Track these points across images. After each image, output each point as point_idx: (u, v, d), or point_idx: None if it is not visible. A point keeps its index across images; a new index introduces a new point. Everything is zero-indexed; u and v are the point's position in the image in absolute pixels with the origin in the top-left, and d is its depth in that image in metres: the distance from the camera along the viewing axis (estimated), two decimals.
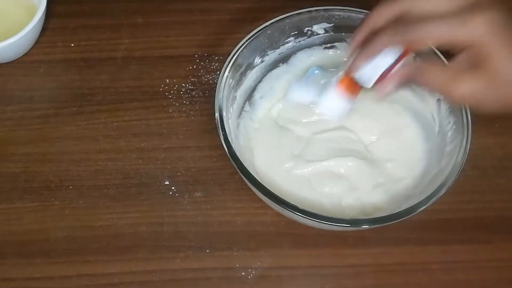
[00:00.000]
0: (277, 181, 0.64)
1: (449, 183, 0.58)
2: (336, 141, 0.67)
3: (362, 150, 0.67)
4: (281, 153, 0.66)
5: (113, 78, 0.73)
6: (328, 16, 0.67)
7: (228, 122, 0.62)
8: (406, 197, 0.63)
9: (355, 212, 0.63)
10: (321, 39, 0.69)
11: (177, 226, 0.65)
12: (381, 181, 0.65)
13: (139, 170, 0.68)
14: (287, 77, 0.70)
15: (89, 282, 0.62)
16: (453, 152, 0.61)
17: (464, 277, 0.63)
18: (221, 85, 0.63)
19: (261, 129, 0.68)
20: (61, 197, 0.66)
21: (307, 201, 0.63)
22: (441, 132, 0.64)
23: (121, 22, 0.77)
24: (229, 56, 0.64)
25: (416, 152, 0.66)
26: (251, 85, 0.69)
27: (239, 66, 0.65)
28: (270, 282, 0.63)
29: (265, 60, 0.69)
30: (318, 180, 0.65)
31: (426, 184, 0.62)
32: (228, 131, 0.61)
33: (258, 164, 0.65)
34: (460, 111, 0.62)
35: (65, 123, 0.71)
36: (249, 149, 0.66)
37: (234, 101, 0.66)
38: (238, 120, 0.67)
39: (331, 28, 0.68)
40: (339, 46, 0.70)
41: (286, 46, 0.69)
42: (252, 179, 0.58)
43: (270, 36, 0.67)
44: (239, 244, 0.64)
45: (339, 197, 0.64)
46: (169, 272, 0.63)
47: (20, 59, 0.74)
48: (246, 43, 0.65)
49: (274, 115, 0.69)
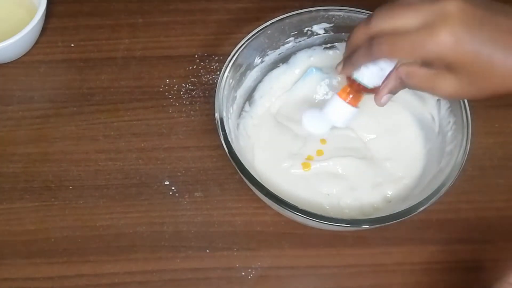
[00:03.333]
0: (276, 181, 0.64)
1: (449, 183, 0.58)
2: (333, 140, 0.67)
3: (361, 148, 0.66)
4: (280, 152, 0.66)
5: (113, 78, 0.73)
6: (328, 16, 0.67)
7: (228, 122, 0.62)
8: (405, 197, 0.63)
9: (354, 212, 0.63)
10: (321, 39, 0.69)
11: (177, 226, 0.65)
12: (380, 180, 0.65)
13: (139, 170, 0.68)
14: (286, 77, 0.70)
15: (89, 282, 0.62)
16: (453, 152, 0.61)
17: (464, 277, 0.63)
18: (221, 85, 0.63)
19: (260, 125, 0.68)
20: (61, 197, 0.66)
21: (306, 201, 0.63)
22: (441, 132, 0.64)
23: (121, 22, 0.77)
24: (229, 56, 0.64)
25: (415, 152, 0.66)
26: (251, 85, 0.69)
27: (239, 66, 0.65)
28: (270, 282, 0.63)
29: (265, 60, 0.68)
30: (317, 180, 0.65)
31: (426, 184, 0.62)
32: (228, 131, 0.61)
33: (258, 164, 0.65)
34: (460, 111, 0.62)
35: (65, 123, 0.71)
36: (249, 149, 0.66)
37: (234, 101, 0.66)
38: (238, 120, 0.67)
39: (331, 28, 0.68)
40: (339, 46, 0.70)
41: (286, 46, 0.69)
42: (252, 180, 0.58)
43: (270, 36, 0.67)
44: (239, 244, 0.64)
45: (338, 197, 0.64)
46: (169, 272, 0.63)
47: (20, 59, 0.74)
48: (246, 43, 0.65)
49: (273, 111, 0.69)
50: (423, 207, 0.57)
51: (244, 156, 0.62)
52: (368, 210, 0.63)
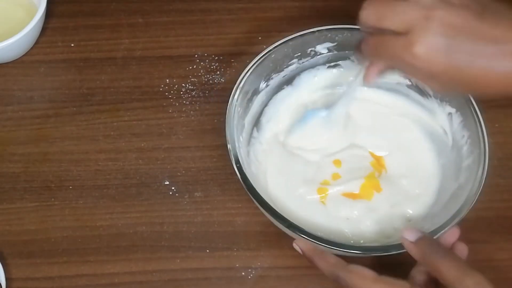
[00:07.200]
0: (291, 208, 0.63)
1: (471, 201, 0.58)
2: (347, 160, 0.66)
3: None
4: (293, 178, 0.65)
5: (113, 78, 0.73)
6: (331, 35, 0.66)
7: (240, 152, 0.61)
8: (425, 216, 0.62)
9: (376, 236, 0.62)
10: (325, 58, 0.68)
11: (177, 226, 0.65)
12: (399, 199, 0.63)
13: (139, 170, 0.68)
14: (292, 99, 0.69)
15: (89, 282, 0.62)
16: (471, 168, 0.60)
17: None
18: (231, 115, 0.61)
19: (269, 150, 0.67)
20: (61, 197, 0.66)
21: (326, 228, 0.62)
22: (455, 146, 0.63)
23: (121, 22, 0.77)
24: (236, 83, 0.63)
25: (429, 167, 0.65)
26: (258, 110, 0.67)
27: (245, 93, 0.64)
28: (270, 282, 0.63)
29: (270, 84, 0.67)
30: (334, 204, 0.63)
31: (446, 201, 0.61)
32: (241, 161, 0.60)
33: (272, 190, 0.64)
34: (474, 125, 0.61)
35: (65, 123, 0.71)
36: (261, 175, 0.65)
37: (243, 130, 0.64)
38: (248, 148, 0.65)
39: (334, 47, 0.67)
40: (343, 64, 0.69)
41: (290, 68, 0.68)
42: (275, 214, 0.57)
43: (274, 60, 0.66)
44: (239, 244, 0.64)
45: (358, 221, 0.62)
46: (169, 272, 0.63)
47: (20, 59, 0.74)
48: (251, 69, 0.64)
49: (281, 139, 0.67)
50: (447, 227, 0.56)
51: (258, 184, 0.61)
52: (389, 231, 0.62)
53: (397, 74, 0.64)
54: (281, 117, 0.68)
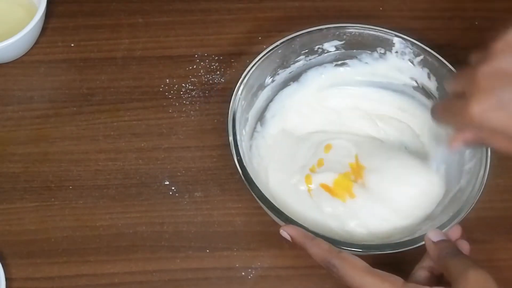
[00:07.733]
0: (289, 201, 0.62)
1: (469, 204, 0.58)
2: (335, 149, 0.65)
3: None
4: (291, 167, 0.64)
5: (113, 78, 0.73)
6: (339, 33, 0.66)
7: (241, 145, 0.61)
8: (425, 217, 0.62)
9: (365, 236, 0.61)
10: (332, 56, 0.68)
11: (177, 226, 0.65)
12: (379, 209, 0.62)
13: (139, 170, 0.68)
14: (298, 96, 0.69)
15: (89, 282, 0.62)
16: (473, 171, 0.60)
17: None
18: (234, 107, 0.61)
19: (273, 145, 0.66)
20: (61, 197, 0.66)
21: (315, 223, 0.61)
22: None
23: (121, 22, 0.77)
24: (241, 77, 0.63)
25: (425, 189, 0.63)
26: (262, 105, 0.67)
27: (250, 87, 0.64)
28: (270, 282, 0.63)
29: (276, 80, 0.67)
30: (319, 199, 0.63)
31: (447, 204, 0.61)
32: (242, 154, 0.59)
33: (272, 185, 0.64)
34: None
35: (65, 123, 0.71)
36: (263, 171, 0.64)
37: (246, 123, 0.64)
38: (251, 142, 0.65)
39: (342, 46, 0.67)
40: (350, 63, 0.68)
41: (297, 64, 0.68)
42: (272, 207, 0.57)
43: (281, 56, 0.66)
44: (239, 244, 0.64)
45: (344, 218, 0.62)
46: (169, 272, 0.63)
47: (20, 59, 0.74)
48: (257, 63, 0.64)
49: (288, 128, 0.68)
50: (447, 227, 0.56)
51: (259, 178, 0.61)
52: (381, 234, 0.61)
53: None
54: (287, 113, 0.68)
